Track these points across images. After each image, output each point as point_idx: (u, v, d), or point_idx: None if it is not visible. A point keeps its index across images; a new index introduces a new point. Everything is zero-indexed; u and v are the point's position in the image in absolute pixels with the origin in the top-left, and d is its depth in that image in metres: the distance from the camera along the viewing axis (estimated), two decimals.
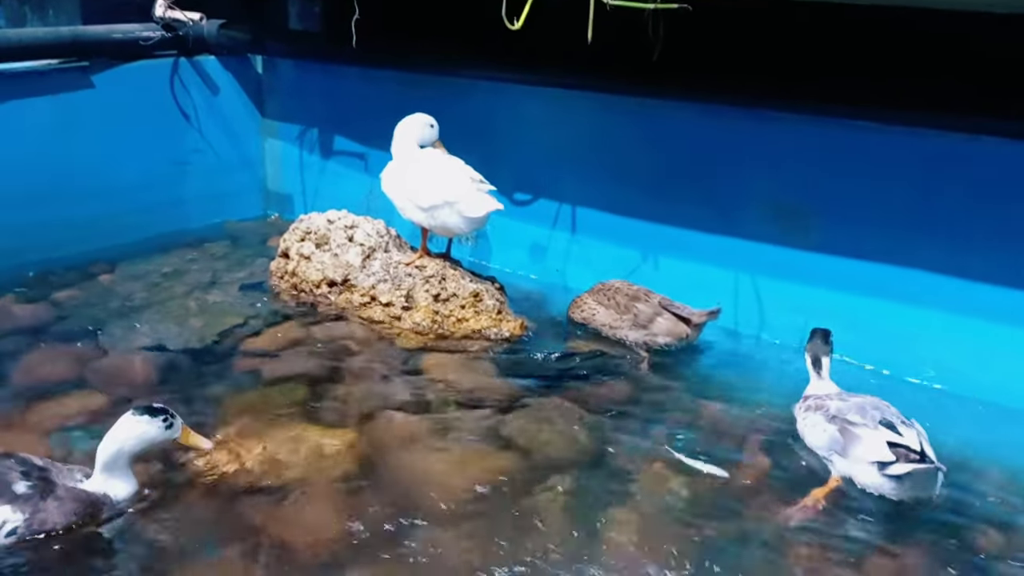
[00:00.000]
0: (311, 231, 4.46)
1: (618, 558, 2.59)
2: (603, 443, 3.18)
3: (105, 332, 3.88)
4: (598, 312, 4.03)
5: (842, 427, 2.94)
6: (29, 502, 2.54)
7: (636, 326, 3.93)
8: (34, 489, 2.56)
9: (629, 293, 4.03)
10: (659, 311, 3.93)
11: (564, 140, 4.56)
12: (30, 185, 4.55)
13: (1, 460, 2.62)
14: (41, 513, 2.54)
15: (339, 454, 3.03)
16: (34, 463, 2.65)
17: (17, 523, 2.51)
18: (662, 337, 3.89)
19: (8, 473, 2.56)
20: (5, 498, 2.52)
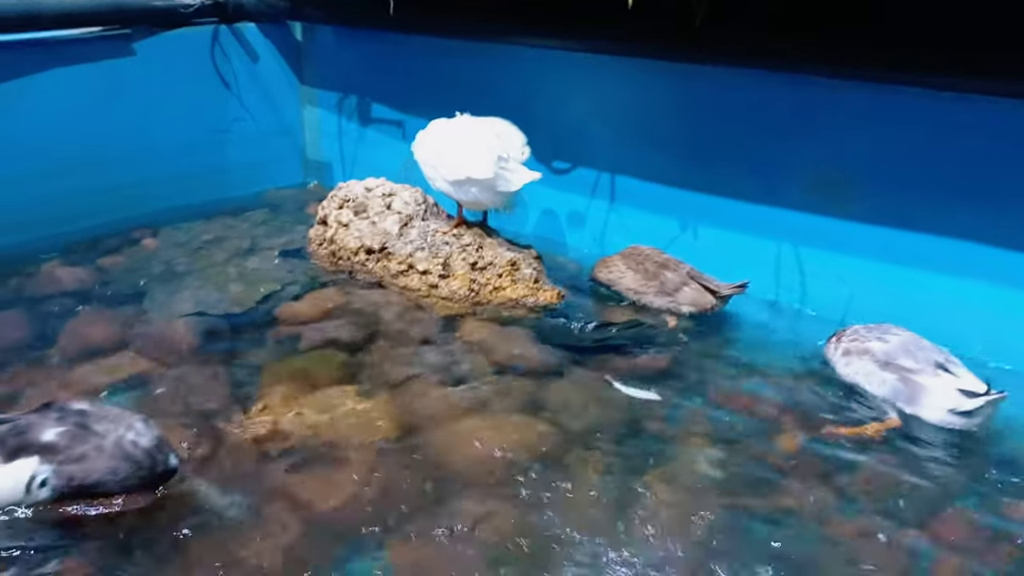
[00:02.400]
0: (349, 199, 4.47)
1: (654, 529, 2.58)
2: (639, 413, 3.16)
3: (148, 297, 3.94)
4: (626, 275, 4.00)
5: (902, 376, 2.98)
6: (59, 451, 2.46)
7: (661, 293, 3.90)
8: (65, 437, 2.48)
9: (659, 260, 4.00)
10: (687, 280, 3.89)
11: (604, 107, 4.49)
12: (75, 152, 4.62)
13: (42, 412, 2.56)
14: (71, 465, 2.47)
15: (375, 420, 3.05)
16: (74, 409, 2.57)
17: (47, 474, 2.45)
18: (686, 306, 3.86)
19: (42, 422, 2.50)
20: (34, 448, 2.45)
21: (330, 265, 4.37)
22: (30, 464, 2.45)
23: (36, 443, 2.47)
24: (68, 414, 2.55)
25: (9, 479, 2.44)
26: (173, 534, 2.48)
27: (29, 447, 2.46)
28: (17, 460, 2.45)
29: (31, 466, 2.45)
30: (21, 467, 2.44)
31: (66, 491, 2.50)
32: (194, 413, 3.04)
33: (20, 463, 2.45)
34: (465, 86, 4.85)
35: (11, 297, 3.90)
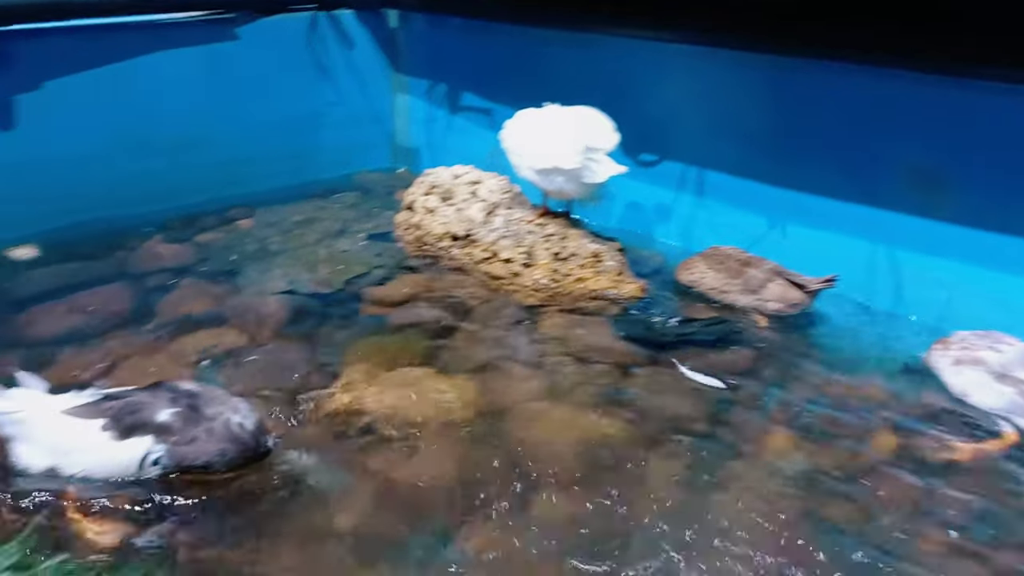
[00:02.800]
0: (436, 185, 4.52)
1: (731, 530, 2.55)
2: (721, 411, 3.12)
3: (242, 274, 4.09)
4: (707, 275, 3.94)
5: (1021, 390, 2.90)
6: (172, 431, 2.57)
7: (746, 291, 3.83)
8: (178, 418, 2.58)
9: (741, 259, 3.93)
10: (771, 277, 3.81)
11: (694, 100, 4.42)
12: (176, 133, 4.81)
13: (155, 390, 2.67)
14: (182, 446, 2.57)
15: (455, 404, 3.09)
16: (185, 390, 2.66)
17: (160, 453, 2.56)
18: (772, 303, 3.78)
19: (157, 401, 2.60)
20: (150, 428, 2.56)
21: (416, 250, 4.44)
22: (144, 443, 2.57)
23: (151, 423, 2.58)
24: (180, 395, 2.65)
25: (123, 455, 2.56)
26: (261, 506, 2.58)
27: (144, 426, 2.58)
28: (132, 438, 2.56)
29: (145, 445, 2.57)
30: (136, 445, 2.56)
31: (175, 470, 2.62)
32: (282, 388, 3.14)
33: (135, 441, 2.56)
34: (554, 76, 4.85)
35: (115, 270, 4.10)
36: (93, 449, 2.55)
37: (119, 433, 2.56)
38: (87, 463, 2.56)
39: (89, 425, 2.56)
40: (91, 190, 4.50)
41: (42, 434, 2.57)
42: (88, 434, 2.55)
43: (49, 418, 2.57)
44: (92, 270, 4.06)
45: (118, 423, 2.57)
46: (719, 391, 3.23)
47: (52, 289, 3.84)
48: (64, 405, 2.61)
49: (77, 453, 2.56)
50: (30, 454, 2.58)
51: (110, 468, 2.57)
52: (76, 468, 2.56)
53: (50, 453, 2.57)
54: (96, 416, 2.57)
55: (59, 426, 2.56)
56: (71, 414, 2.58)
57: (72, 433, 2.56)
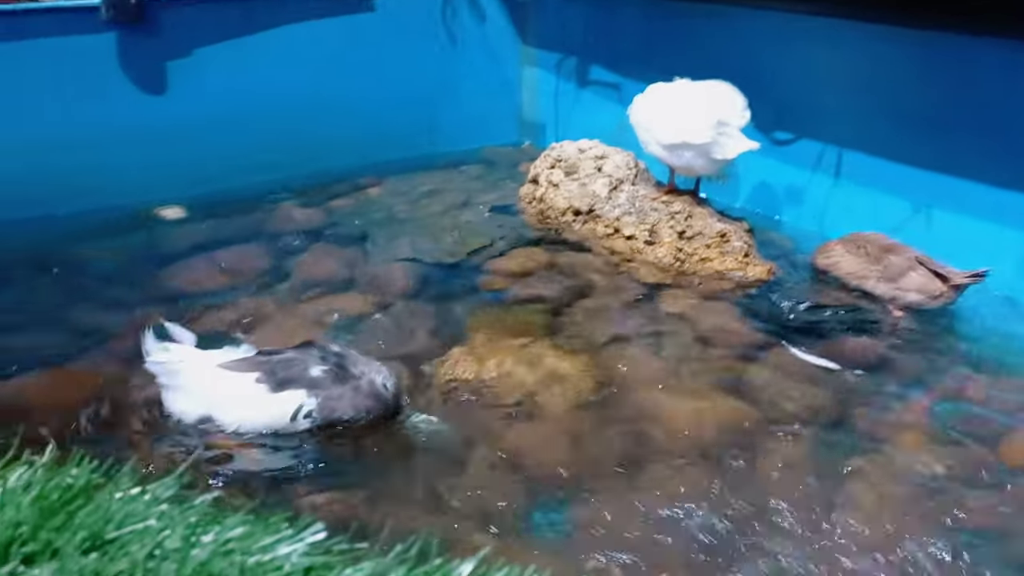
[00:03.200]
0: (561, 159, 4.51)
1: (852, 530, 2.44)
2: (848, 403, 2.99)
3: (370, 240, 4.21)
4: (844, 259, 3.76)
5: None
6: (323, 386, 2.70)
7: (884, 279, 3.63)
8: (328, 374, 2.71)
9: (882, 244, 3.73)
10: (913, 265, 3.59)
11: (835, 76, 4.22)
12: (313, 101, 4.98)
13: (304, 349, 2.80)
14: (332, 400, 2.70)
15: (574, 379, 3.09)
16: (334, 351, 2.80)
17: (312, 407, 2.69)
18: (912, 293, 3.56)
19: (308, 359, 2.73)
20: (303, 383, 2.69)
21: (538, 223, 4.45)
22: (297, 396, 2.69)
23: (304, 378, 2.71)
24: (328, 355, 2.78)
25: (276, 408, 2.69)
26: (389, 465, 2.67)
27: (298, 381, 2.70)
28: (285, 391, 2.69)
29: (298, 398, 2.69)
30: (289, 398, 2.69)
31: (323, 424, 2.74)
32: (405, 353, 3.22)
33: (288, 394, 2.69)
34: (687, 49, 4.73)
35: (253, 232, 4.30)
36: (247, 401, 2.67)
37: (273, 386, 2.68)
38: (240, 414, 2.69)
39: (244, 378, 2.68)
40: (233, 155, 4.72)
41: (197, 385, 2.70)
42: (243, 387, 2.67)
43: (204, 370, 2.70)
44: (233, 231, 4.27)
45: (272, 377, 2.69)
46: (848, 382, 3.10)
47: (195, 247, 4.07)
48: (219, 359, 2.73)
49: (231, 404, 2.68)
50: (185, 403, 2.72)
51: (263, 419, 2.69)
52: (229, 418, 2.69)
53: (204, 403, 2.70)
54: (250, 370, 2.70)
55: (214, 378, 2.69)
56: (226, 368, 2.71)
57: (227, 385, 2.68)
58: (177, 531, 0.87)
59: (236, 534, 0.89)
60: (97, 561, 0.81)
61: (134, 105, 4.51)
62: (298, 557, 0.87)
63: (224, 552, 0.85)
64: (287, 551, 0.87)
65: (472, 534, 2.38)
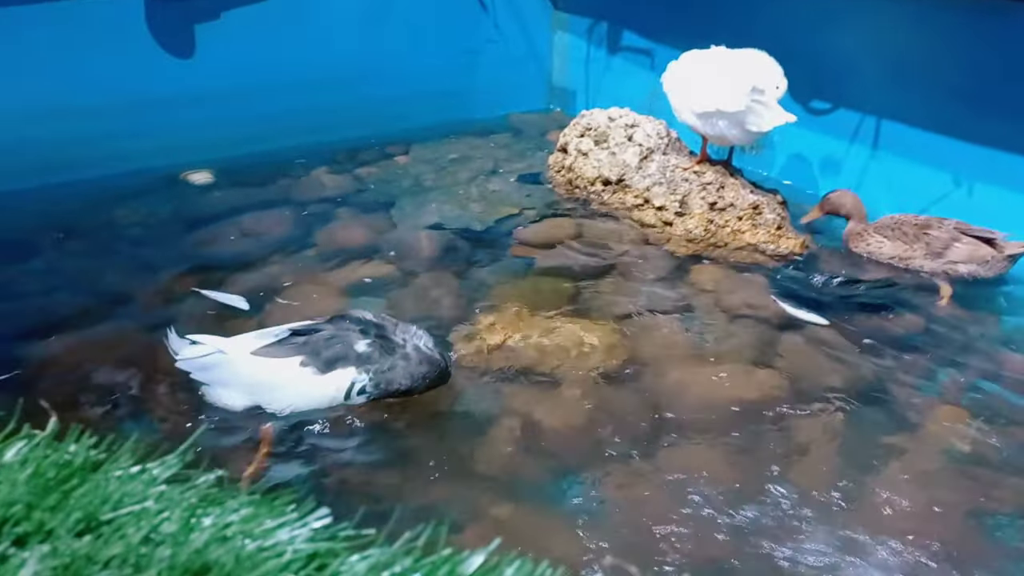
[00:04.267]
0: (591, 127, 4.43)
1: (882, 508, 2.39)
2: (881, 379, 2.93)
3: (397, 207, 4.18)
4: (884, 245, 3.64)
5: None
6: (372, 360, 2.65)
7: (931, 254, 3.52)
8: (374, 347, 2.66)
9: (918, 222, 3.62)
10: (956, 236, 3.49)
11: (874, 44, 4.07)
12: (343, 68, 4.93)
13: (341, 322, 2.72)
14: (387, 373, 2.66)
15: (600, 350, 3.05)
16: (372, 320, 2.74)
17: (364, 382, 2.65)
18: (963, 265, 3.46)
19: (349, 335, 2.67)
20: (351, 360, 2.63)
21: (566, 193, 4.38)
22: (349, 374, 2.64)
23: (352, 354, 2.65)
24: (366, 325, 2.72)
25: (329, 387, 2.63)
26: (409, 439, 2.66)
27: (346, 358, 2.64)
28: (335, 370, 2.63)
29: (350, 375, 2.64)
30: (340, 377, 2.64)
31: (381, 396, 2.70)
32: (430, 321, 3.19)
33: (339, 373, 2.64)
34: (722, 16, 4.59)
35: (280, 197, 4.29)
36: (297, 385, 2.61)
37: (321, 367, 2.62)
38: (292, 398, 2.62)
39: (287, 363, 2.61)
40: (262, 120, 4.69)
41: (238, 376, 2.62)
42: (288, 371, 2.60)
43: (243, 360, 2.61)
44: (260, 196, 4.26)
45: (317, 358, 2.62)
46: (882, 357, 3.03)
47: (223, 212, 4.06)
48: (252, 345, 2.64)
49: (280, 390, 2.61)
50: (229, 397, 2.64)
51: (316, 400, 2.64)
52: (281, 404, 2.63)
53: (249, 393, 2.63)
54: (290, 354, 2.62)
55: (255, 367, 2.60)
56: (263, 354, 2.62)
57: (270, 372, 2.60)
58: (175, 513, 0.85)
59: (237, 517, 0.86)
60: (90, 544, 0.79)
61: (163, 69, 4.49)
62: (301, 543, 0.84)
63: (222, 538, 0.83)
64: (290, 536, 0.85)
65: (493, 505, 2.37)
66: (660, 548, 2.23)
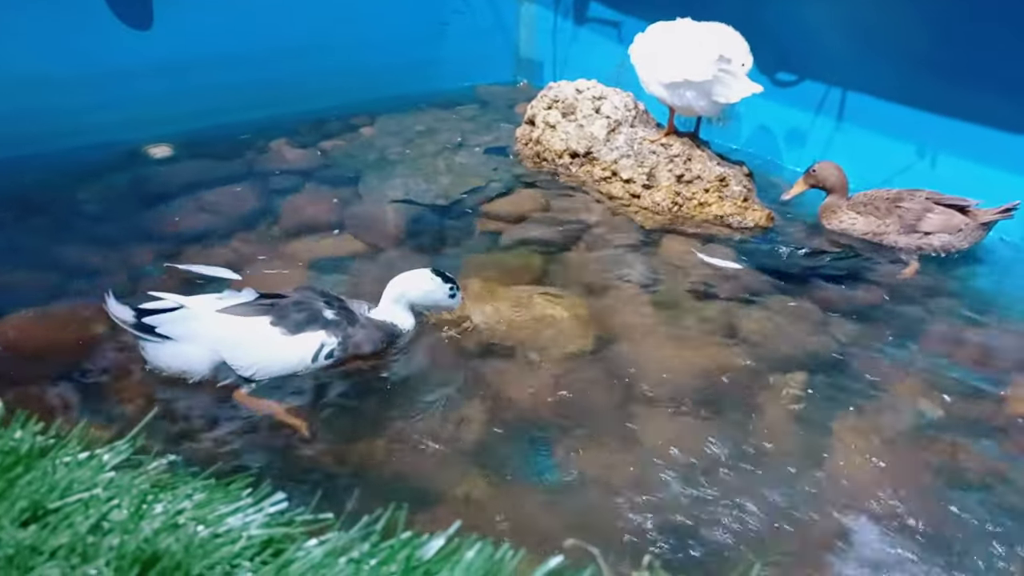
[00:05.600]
0: (558, 100, 4.39)
1: (844, 473, 2.43)
2: (845, 350, 2.96)
3: (363, 181, 4.12)
4: (857, 221, 3.64)
5: None
6: (340, 327, 2.73)
7: (904, 228, 3.54)
8: (341, 316, 2.75)
9: (890, 196, 3.63)
10: (928, 206, 3.51)
11: (839, 15, 4.08)
12: (306, 39, 4.83)
13: (304, 292, 2.80)
14: (353, 337, 2.75)
15: (567, 324, 3.05)
16: (332, 295, 2.83)
17: (333, 346, 2.71)
18: (937, 237, 3.48)
19: (315, 303, 2.74)
20: (320, 323, 2.70)
21: (534, 166, 4.35)
22: (318, 336, 2.69)
23: (321, 319, 2.71)
24: (331, 298, 2.80)
25: (300, 348, 2.67)
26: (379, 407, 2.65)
27: (316, 322, 2.70)
28: (305, 332, 2.68)
29: (319, 338, 2.69)
30: (310, 339, 2.68)
31: (343, 359, 2.76)
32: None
33: (309, 335, 2.68)
34: None
35: (243, 171, 4.21)
36: (266, 344, 2.63)
37: (291, 329, 2.66)
38: (260, 357, 2.64)
39: (256, 322, 2.64)
40: (224, 92, 4.59)
41: (205, 332, 2.61)
42: (258, 330, 2.63)
43: (209, 316, 2.62)
44: (222, 170, 4.18)
45: (286, 319, 2.66)
46: (845, 328, 3.06)
47: (184, 186, 3.98)
48: (217, 305, 2.65)
49: (248, 348, 2.63)
50: (192, 355, 2.62)
51: (283, 362, 2.67)
52: (248, 362, 2.63)
53: (216, 350, 2.62)
54: (259, 314, 2.65)
55: (223, 323, 2.62)
56: (234, 312, 2.64)
57: (239, 329, 2.62)
58: (126, 500, 0.83)
59: (190, 503, 0.84)
60: (36, 534, 0.76)
61: (123, 41, 4.37)
62: (256, 529, 0.82)
63: (173, 525, 0.81)
64: (244, 522, 0.83)
65: (461, 481, 2.36)
66: (628, 520, 2.24)
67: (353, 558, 0.80)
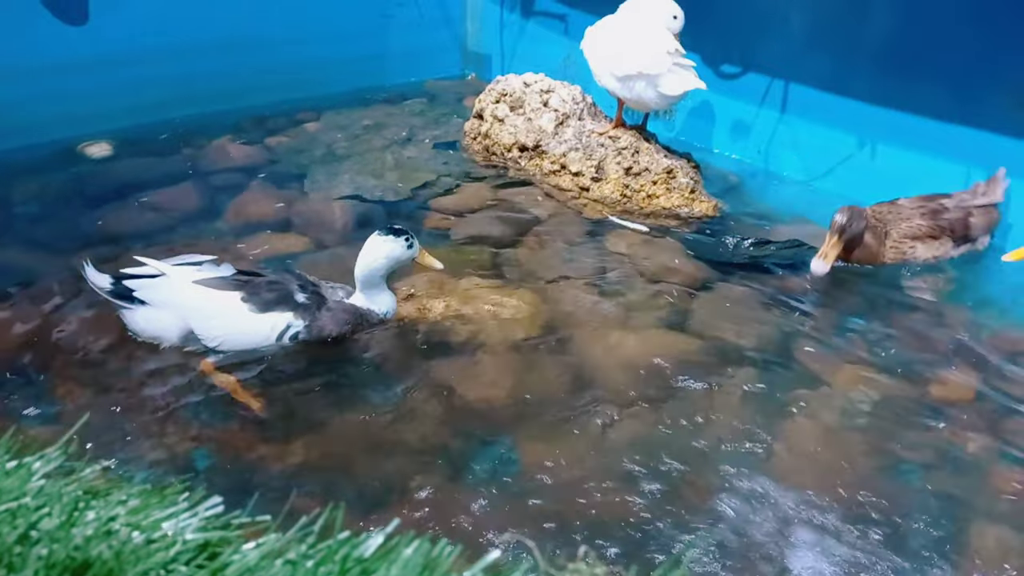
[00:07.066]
0: (507, 93, 4.39)
1: (791, 456, 2.48)
2: (790, 337, 3.01)
3: (309, 178, 4.07)
4: (917, 248, 3.38)
5: None
6: (309, 311, 2.77)
7: (957, 240, 3.40)
8: (312, 300, 2.80)
9: (902, 213, 3.41)
10: (967, 210, 3.40)
11: (780, 8, 4.15)
12: (247, 33, 4.74)
13: (281, 274, 2.87)
14: (319, 321, 2.78)
15: (519, 318, 3.05)
16: (307, 278, 2.88)
17: (299, 328, 2.75)
18: (981, 241, 3.45)
19: (289, 284, 2.79)
20: (289, 305, 2.75)
21: (483, 160, 4.34)
22: (285, 317, 2.75)
23: (291, 300, 2.77)
24: (305, 281, 2.86)
25: (265, 326, 2.73)
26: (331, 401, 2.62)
27: (285, 302, 2.76)
28: (273, 311, 2.73)
29: (286, 319, 2.75)
30: (276, 319, 2.74)
31: (311, 341, 2.80)
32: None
33: (276, 315, 2.74)
34: None
35: (185, 169, 4.12)
36: (234, 317, 2.70)
37: (260, 306, 2.72)
38: (226, 330, 2.71)
39: (228, 296, 2.71)
40: (164, 88, 4.49)
41: (178, 299, 2.69)
42: (228, 303, 2.70)
43: (185, 285, 2.70)
44: (163, 168, 4.09)
45: (258, 296, 2.73)
46: (791, 317, 3.12)
47: (124, 185, 3.88)
48: (195, 276, 2.73)
49: (216, 319, 2.70)
50: (162, 321, 2.71)
51: (248, 337, 2.74)
52: (214, 334, 2.70)
53: (185, 318, 2.70)
54: (232, 288, 2.72)
55: (196, 293, 2.69)
56: (208, 284, 2.71)
57: (210, 300, 2.70)
58: (56, 508, 0.81)
59: (124, 510, 0.82)
60: None
61: (54, 34, 4.24)
62: (192, 533, 0.81)
63: (106, 532, 0.79)
64: (179, 527, 0.81)
65: (413, 478, 2.35)
66: (577, 512, 2.25)
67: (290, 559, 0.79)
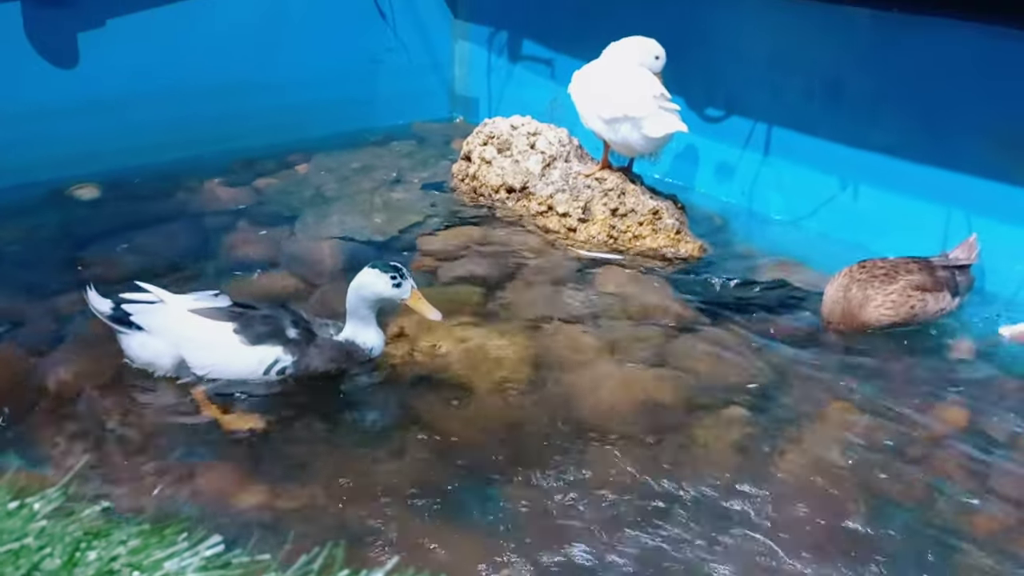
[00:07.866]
0: (494, 135, 4.45)
1: (780, 499, 2.48)
2: (778, 377, 3.03)
3: (299, 219, 4.09)
4: (927, 300, 3.29)
5: None
6: (298, 346, 2.80)
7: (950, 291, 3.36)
8: (302, 336, 2.83)
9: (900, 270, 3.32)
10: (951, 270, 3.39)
11: (763, 52, 4.25)
12: (237, 76, 4.80)
13: (276, 309, 2.91)
14: (306, 357, 2.81)
15: (507, 358, 3.06)
16: (300, 315, 2.92)
17: (287, 363, 2.79)
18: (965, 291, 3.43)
19: (282, 320, 2.84)
20: (280, 340, 2.78)
21: (471, 201, 4.39)
22: (274, 351, 2.79)
23: (282, 335, 2.81)
24: (297, 317, 2.90)
25: (254, 359, 2.77)
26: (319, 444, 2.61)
27: (276, 337, 2.80)
28: (263, 345, 2.78)
29: (275, 353, 2.79)
30: (266, 352, 2.78)
31: (296, 376, 2.83)
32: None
33: (266, 348, 2.78)
34: (619, 25, 4.67)
35: (176, 211, 4.14)
36: (224, 348, 2.75)
37: (251, 339, 2.77)
38: (216, 360, 2.76)
39: (220, 326, 2.76)
40: (152, 131, 4.52)
41: (172, 326, 2.75)
42: (220, 334, 2.75)
43: (180, 313, 2.76)
44: (152, 210, 4.11)
45: (250, 329, 2.77)
46: (778, 357, 3.14)
47: (112, 229, 3.89)
48: (192, 305, 2.79)
49: (207, 349, 2.76)
50: (155, 348, 2.77)
51: (236, 368, 2.78)
52: (204, 363, 2.76)
53: (177, 346, 2.76)
54: (226, 319, 2.78)
55: (190, 321, 2.75)
56: (203, 314, 2.77)
57: (202, 330, 2.75)
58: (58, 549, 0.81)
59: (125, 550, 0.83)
60: None
61: (44, 78, 4.28)
62: (193, 572, 0.81)
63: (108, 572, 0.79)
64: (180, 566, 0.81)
65: (403, 519, 2.34)
66: (564, 554, 2.25)
67: None
